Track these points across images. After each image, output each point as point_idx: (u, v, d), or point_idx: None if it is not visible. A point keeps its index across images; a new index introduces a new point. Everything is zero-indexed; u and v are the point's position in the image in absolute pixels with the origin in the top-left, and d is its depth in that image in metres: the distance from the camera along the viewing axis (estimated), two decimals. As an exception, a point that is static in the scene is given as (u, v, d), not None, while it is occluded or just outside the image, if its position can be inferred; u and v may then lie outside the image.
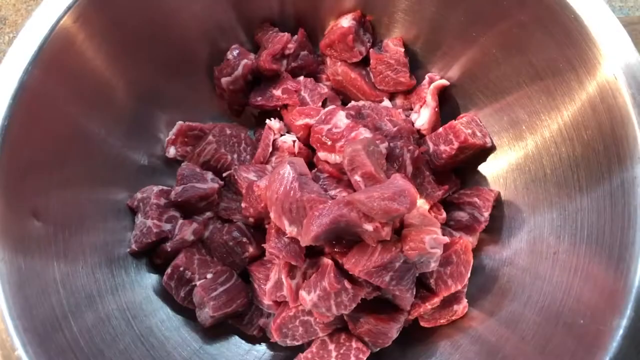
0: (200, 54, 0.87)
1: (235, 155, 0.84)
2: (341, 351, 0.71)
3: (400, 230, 0.68)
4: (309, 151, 0.83)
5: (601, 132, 0.62)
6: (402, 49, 0.85)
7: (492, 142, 0.81)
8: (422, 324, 0.75)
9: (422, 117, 0.85)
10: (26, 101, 0.63)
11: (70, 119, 0.70)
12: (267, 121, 0.85)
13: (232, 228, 0.78)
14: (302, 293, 0.67)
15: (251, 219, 0.77)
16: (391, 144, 0.75)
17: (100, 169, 0.75)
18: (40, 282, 0.62)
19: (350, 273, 0.65)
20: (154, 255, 0.79)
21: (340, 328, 0.73)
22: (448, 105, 0.87)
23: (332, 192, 0.72)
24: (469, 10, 0.76)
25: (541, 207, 0.72)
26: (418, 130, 0.85)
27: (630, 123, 0.59)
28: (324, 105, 0.86)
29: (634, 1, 1.14)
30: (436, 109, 0.84)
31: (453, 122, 0.80)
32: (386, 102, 0.88)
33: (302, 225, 0.64)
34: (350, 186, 0.71)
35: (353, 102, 0.85)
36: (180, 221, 0.78)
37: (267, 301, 0.75)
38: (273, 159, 0.83)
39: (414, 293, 0.69)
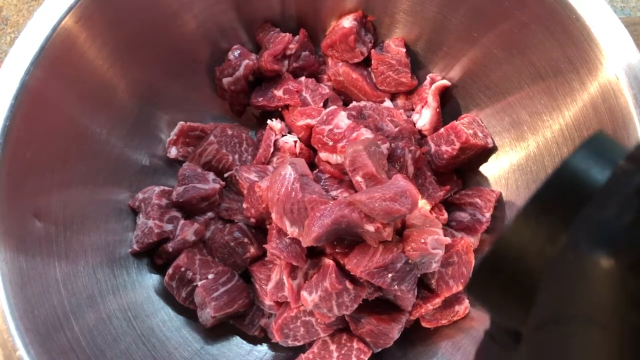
0: (202, 55, 0.87)
1: (236, 156, 0.84)
2: (342, 351, 0.71)
3: (401, 230, 0.68)
4: (310, 152, 0.83)
5: (603, 133, 0.62)
6: (404, 50, 0.85)
7: (494, 143, 0.81)
8: (423, 324, 0.75)
9: (424, 118, 0.85)
10: (28, 102, 0.63)
11: (72, 120, 0.70)
12: (269, 122, 0.85)
13: (234, 228, 0.78)
14: (304, 293, 0.67)
15: (252, 220, 0.77)
16: (392, 145, 0.75)
17: (101, 169, 0.76)
18: (41, 282, 0.62)
19: (352, 274, 0.65)
20: (155, 255, 0.79)
21: (341, 328, 0.73)
22: (449, 105, 0.87)
23: (334, 193, 0.72)
24: (470, 10, 0.76)
25: (543, 207, 0.72)
26: (419, 131, 0.85)
27: (632, 123, 0.59)
28: (325, 105, 0.85)
29: (636, 1, 1.14)
30: (437, 110, 0.84)
31: (454, 122, 0.80)
32: (387, 103, 0.88)
33: (304, 226, 0.64)
34: (351, 187, 0.71)
35: (354, 103, 0.85)
36: (182, 221, 0.78)
37: (268, 302, 0.75)
38: (274, 159, 0.83)
39: (416, 294, 0.69)
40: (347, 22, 0.85)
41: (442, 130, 0.80)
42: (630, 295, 0.17)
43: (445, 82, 0.85)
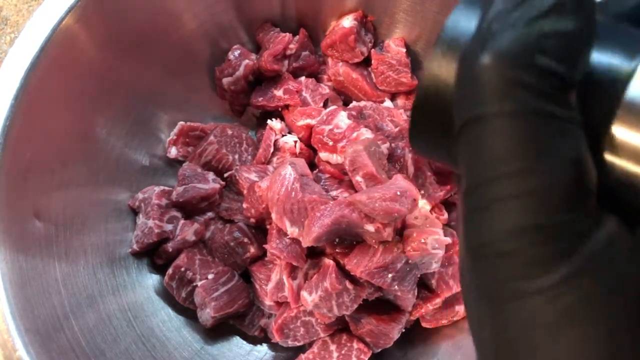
0: (202, 55, 0.87)
1: (236, 156, 0.84)
2: (342, 352, 0.71)
3: (401, 231, 0.68)
4: (310, 152, 0.83)
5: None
6: (404, 50, 0.85)
7: (494, 143, 0.80)
8: (423, 324, 0.75)
9: (424, 118, 0.85)
10: (28, 102, 0.63)
11: (72, 120, 0.70)
12: (269, 122, 0.85)
13: (234, 228, 0.78)
14: (304, 294, 0.67)
15: (252, 220, 0.77)
16: (393, 145, 0.75)
17: (101, 169, 0.76)
18: (41, 282, 0.62)
19: (352, 274, 0.65)
20: (155, 255, 0.79)
21: (341, 329, 0.73)
22: (449, 105, 0.86)
23: (334, 193, 0.72)
24: (470, 10, 0.76)
25: (543, 207, 0.72)
26: (419, 131, 0.85)
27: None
28: (325, 105, 0.85)
29: (636, 1, 1.14)
30: (438, 110, 0.84)
31: (454, 122, 0.79)
32: (388, 103, 0.88)
33: (304, 226, 0.64)
34: (351, 187, 0.71)
35: (354, 103, 0.85)
36: (182, 221, 0.78)
37: (268, 302, 0.75)
38: (274, 159, 0.83)
39: (416, 294, 0.69)
40: (347, 22, 0.85)
41: (442, 130, 0.80)
42: (508, 82, 0.19)
43: (446, 82, 0.84)
